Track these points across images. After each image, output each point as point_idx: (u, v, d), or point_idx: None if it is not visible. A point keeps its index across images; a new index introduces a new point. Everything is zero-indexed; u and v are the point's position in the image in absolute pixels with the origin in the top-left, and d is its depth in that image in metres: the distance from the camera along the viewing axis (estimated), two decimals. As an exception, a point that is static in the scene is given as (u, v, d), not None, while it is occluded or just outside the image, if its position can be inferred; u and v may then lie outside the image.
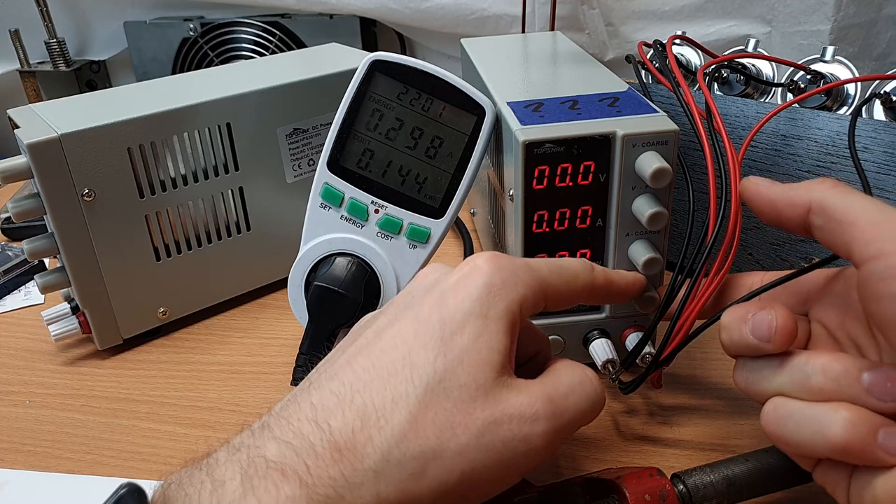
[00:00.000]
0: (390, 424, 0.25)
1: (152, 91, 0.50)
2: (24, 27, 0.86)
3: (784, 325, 0.27)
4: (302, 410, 0.26)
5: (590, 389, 0.29)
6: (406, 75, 0.40)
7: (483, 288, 0.28)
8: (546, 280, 0.30)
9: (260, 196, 0.51)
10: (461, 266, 0.29)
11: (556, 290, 0.30)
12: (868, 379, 0.25)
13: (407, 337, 0.27)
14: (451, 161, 0.41)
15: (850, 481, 0.26)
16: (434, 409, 0.25)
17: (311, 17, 0.84)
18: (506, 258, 0.29)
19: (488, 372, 0.26)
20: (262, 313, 0.53)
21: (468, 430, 0.25)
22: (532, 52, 0.56)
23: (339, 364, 0.28)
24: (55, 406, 0.44)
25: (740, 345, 0.28)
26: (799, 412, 0.26)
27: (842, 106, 0.49)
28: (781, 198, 0.29)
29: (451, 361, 0.26)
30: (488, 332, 0.27)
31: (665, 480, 0.30)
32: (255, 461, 0.24)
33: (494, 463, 0.26)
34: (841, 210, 0.26)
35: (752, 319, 0.28)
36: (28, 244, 0.45)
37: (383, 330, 0.28)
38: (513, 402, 0.26)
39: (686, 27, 0.74)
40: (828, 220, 0.27)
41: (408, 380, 0.26)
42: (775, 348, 0.27)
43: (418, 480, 0.24)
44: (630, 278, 0.35)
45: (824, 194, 0.27)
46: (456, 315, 0.27)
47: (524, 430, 0.26)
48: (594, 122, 0.37)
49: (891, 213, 0.25)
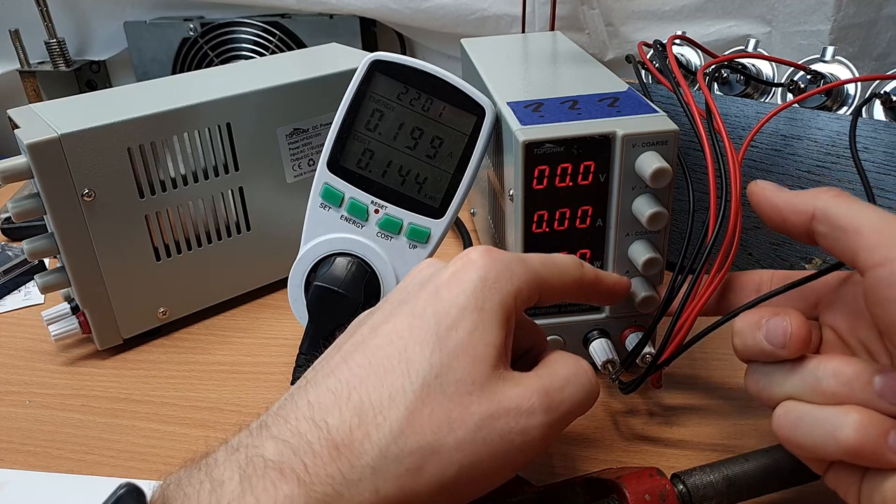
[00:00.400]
0: (388, 421, 0.25)
1: (152, 91, 0.50)
2: (24, 27, 0.86)
3: (798, 331, 0.27)
4: (299, 409, 0.26)
5: (584, 380, 0.29)
6: (406, 75, 0.40)
7: (477, 282, 0.28)
8: (539, 273, 0.30)
9: (260, 196, 0.51)
10: (455, 260, 0.29)
11: (548, 284, 0.30)
12: (879, 382, 0.25)
13: (402, 332, 0.27)
14: (451, 161, 0.41)
15: (861, 484, 0.26)
16: (431, 404, 0.25)
17: (311, 17, 0.84)
18: (499, 252, 0.29)
19: (484, 366, 0.26)
20: (262, 313, 0.53)
21: (465, 424, 0.25)
22: (532, 52, 0.56)
23: (336, 362, 0.28)
24: (55, 406, 0.44)
25: (754, 350, 0.29)
26: (810, 415, 0.26)
27: (842, 106, 0.49)
28: (787, 204, 0.29)
29: (446, 356, 0.26)
30: (483, 326, 0.27)
31: (665, 480, 0.30)
32: (253, 460, 0.24)
33: (492, 456, 0.26)
34: (845, 218, 0.26)
35: (767, 325, 0.28)
36: (28, 244, 0.45)
37: (378, 326, 0.28)
38: (509, 395, 0.26)
39: (686, 27, 0.74)
40: (832, 227, 0.27)
41: (404, 375, 0.26)
42: (790, 354, 0.27)
43: (416, 476, 0.25)
44: (616, 278, 0.35)
45: (828, 202, 0.27)
46: (451, 310, 0.27)
47: (521, 424, 0.26)
48: (594, 122, 0.37)
49: (894, 220, 0.26)
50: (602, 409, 0.41)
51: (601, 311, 0.41)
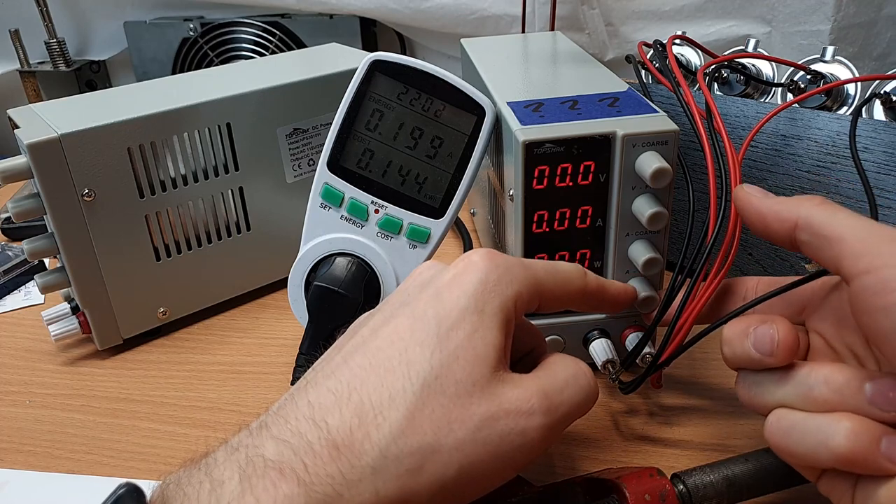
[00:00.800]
0: (388, 421, 0.25)
1: (152, 91, 0.50)
2: (24, 27, 0.86)
3: (786, 338, 0.27)
4: (299, 409, 0.26)
5: (584, 382, 0.29)
6: (406, 75, 0.40)
7: (479, 284, 0.28)
8: (540, 279, 0.30)
9: (260, 196, 0.51)
10: (456, 263, 0.29)
11: (550, 291, 0.31)
12: (870, 389, 0.25)
13: (403, 334, 0.27)
14: (451, 161, 0.41)
15: (855, 491, 0.26)
16: (431, 405, 0.25)
17: (311, 17, 0.84)
18: (501, 255, 0.29)
19: (484, 368, 0.26)
20: (262, 313, 0.53)
21: (465, 425, 0.25)
22: (532, 52, 0.56)
23: (336, 362, 0.28)
24: (55, 406, 0.44)
25: (743, 358, 0.29)
26: (802, 423, 0.26)
27: (842, 106, 0.49)
28: (770, 211, 0.29)
29: (446, 357, 0.26)
30: (484, 328, 0.27)
31: (665, 480, 0.30)
32: (253, 460, 0.24)
33: (491, 457, 0.26)
34: (828, 227, 0.26)
35: (754, 333, 0.28)
36: (28, 244, 0.45)
37: (379, 327, 0.28)
38: (509, 396, 0.26)
39: (686, 27, 0.74)
40: (815, 236, 0.27)
41: (405, 376, 0.26)
42: (777, 362, 0.27)
43: (416, 476, 0.25)
44: (621, 287, 0.35)
45: (811, 211, 0.27)
46: (451, 311, 0.27)
47: (521, 425, 0.26)
48: (594, 122, 0.37)
49: (878, 228, 0.26)
50: (602, 409, 0.41)
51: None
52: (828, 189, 0.45)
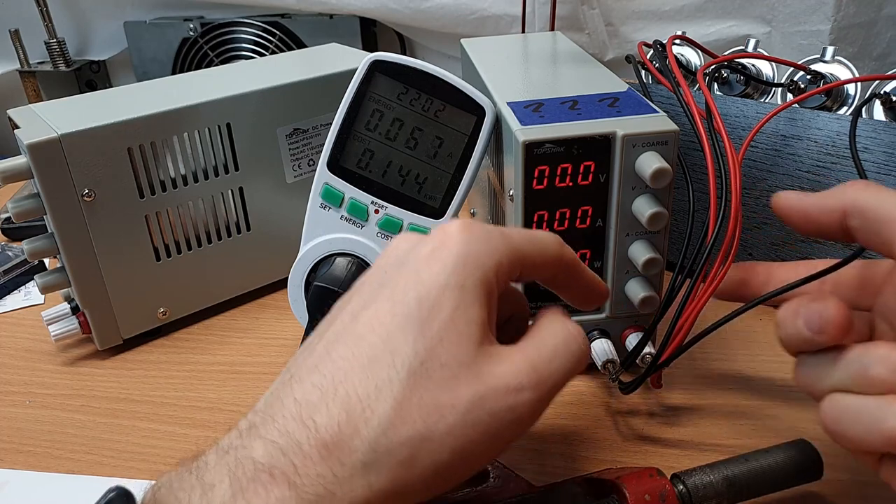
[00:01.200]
0: (376, 415, 0.24)
1: (152, 91, 0.50)
2: (24, 27, 0.86)
3: (836, 315, 0.26)
4: (286, 408, 0.25)
5: (574, 348, 0.28)
6: (406, 75, 0.40)
7: (458, 257, 0.27)
8: (520, 247, 0.29)
9: (260, 196, 0.51)
10: (434, 235, 0.28)
11: (529, 258, 0.29)
12: None
13: (384, 319, 0.26)
14: (451, 161, 0.41)
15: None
16: (419, 392, 0.25)
17: (311, 17, 0.84)
18: (479, 225, 0.28)
19: (469, 345, 0.26)
20: (262, 313, 0.53)
21: (455, 409, 0.25)
22: (532, 52, 0.56)
23: (318, 353, 0.27)
24: (55, 406, 0.44)
25: (796, 339, 0.28)
26: (855, 405, 0.25)
27: (842, 106, 0.49)
28: (815, 206, 0.28)
29: (430, 341, 0.26)
30: (465, 304, 0.26)
31: (665, 480, 0.30)
32: (242, 463, 0.24)
33: (483, 436, 0.25)
34: (877, 209, 0.26)
35: (804, 311, 0.27)
36: (28, 244, 0.45)
37: (359, 313, 0.27)
38: (496, 373, 0.26)
39: (686, 27, 0.74)
40: (865, 220, 0.26)
41: (389, 365, 0.25)
42: (829, 339, 0.26)
43: (409, 466, 0.24)
44: (595, 276, 0.34)
45: (858, 195, 0.27)
46: (431, 290, 0.26)
47: (510, 402, 0.26)
48: (594, 122, 0.37)
49: None
50: (602, 409, 0.41)
51: (601, 311, 0.41)
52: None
